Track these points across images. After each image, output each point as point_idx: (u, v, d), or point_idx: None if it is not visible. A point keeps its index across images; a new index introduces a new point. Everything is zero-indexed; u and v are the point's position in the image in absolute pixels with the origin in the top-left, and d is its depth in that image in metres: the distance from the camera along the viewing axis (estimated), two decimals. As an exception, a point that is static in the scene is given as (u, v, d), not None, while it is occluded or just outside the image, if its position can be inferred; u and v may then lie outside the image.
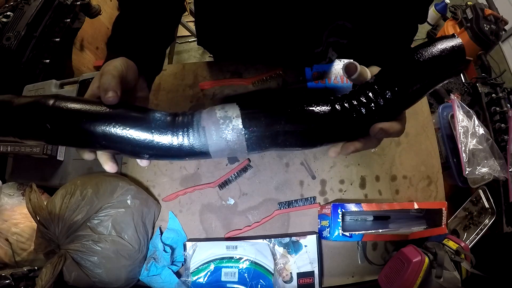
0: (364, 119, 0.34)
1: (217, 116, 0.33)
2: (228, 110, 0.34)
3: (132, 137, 0.32)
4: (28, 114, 0.31)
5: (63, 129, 0.32)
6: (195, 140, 0.33)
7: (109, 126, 0.32)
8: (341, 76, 0.75)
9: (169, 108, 0.73)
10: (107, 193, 0.59)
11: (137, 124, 0.32)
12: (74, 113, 0.32)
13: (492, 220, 0.78)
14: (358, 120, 0.34)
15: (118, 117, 0.32)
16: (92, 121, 0.32)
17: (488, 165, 0.77)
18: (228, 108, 0.34)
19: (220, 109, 0.34)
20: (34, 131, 0.32)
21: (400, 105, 0.35)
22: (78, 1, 1.06)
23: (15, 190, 0.69)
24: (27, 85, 0.83)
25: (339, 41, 0.65)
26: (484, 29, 1.74)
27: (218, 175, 0.68)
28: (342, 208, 0.59)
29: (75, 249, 0.54)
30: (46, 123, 0.31)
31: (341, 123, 0.35)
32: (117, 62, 0.37)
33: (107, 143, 0.32)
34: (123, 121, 0.32)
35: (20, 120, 0.32)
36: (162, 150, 0.33)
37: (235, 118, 0.33)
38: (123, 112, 0.33)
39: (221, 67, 0.76)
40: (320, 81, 0.74)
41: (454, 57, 0.33)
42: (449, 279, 0.55)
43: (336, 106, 0.35)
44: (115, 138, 0.32)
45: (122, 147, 0.33)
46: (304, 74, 0.74)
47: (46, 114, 0.31)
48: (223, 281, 0.60)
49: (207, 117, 0.33)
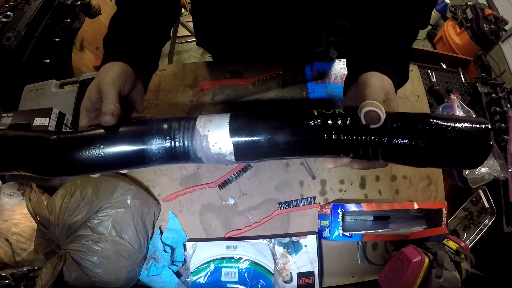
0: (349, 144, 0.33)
1: (212, 152, 0.35)
2: (222, 147, 0.34)
3: (131, 164, 0.35)
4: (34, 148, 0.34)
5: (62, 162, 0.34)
6: (194, 162, 0.37)
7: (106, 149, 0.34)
8: (341, 76, 0.75)
9: (169, 108, 0.73)
10: (107, 193, 0.59)
11: (135, 160, 0.35)
12: (72, 140, 0.34)
13: (492, 220, 0.78)
14: (343, 142, 0.33)
15: (116, 142, 0.35)
16: (94, 147, 0.34)
17: (488, 165, 0.77)
18: (221, 143, 0.34)
19: (213, 144, 0.34)
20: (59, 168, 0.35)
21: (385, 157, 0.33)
22: (78, 1, 1.06)
23: (15, 190, 0.69)
24: (27, 85, 0.83)
25: (339, 40, 0.65)
26: (484, 29, 1.74)
27: (218, 175, 0.68)
28: (342, 208, 0.59)
29: (75, 249, 0.54)
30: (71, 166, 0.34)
31: (331, 139, 0.33)
32: (114, 74, 0.38)
33: (103, 168, 0.35)
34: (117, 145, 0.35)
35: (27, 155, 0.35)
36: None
37: (229, 155, 0.35)
38: (121, 137, 0.35)
39: (221, 67, 0.76)
40: (320, 81, 0.74)
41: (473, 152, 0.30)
42: (449, 279, 0.55)
43: (328, 122, 0.33)
44: (109, 164, 0.35)
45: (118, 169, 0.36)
46: (304, 74, 0.74)
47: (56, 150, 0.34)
48: (223, 281, 0.60)
49: (201, 151, 0.35)
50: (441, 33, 2.06)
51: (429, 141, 0.30)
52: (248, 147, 0.34)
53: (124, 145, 0.34)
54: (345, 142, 0.33)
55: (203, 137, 0.34)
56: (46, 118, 0.69)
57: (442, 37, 2.03)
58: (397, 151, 0.32)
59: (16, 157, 0.35)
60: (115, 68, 0.38)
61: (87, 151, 0.33)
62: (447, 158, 0.31)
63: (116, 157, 0.34)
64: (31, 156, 0.34)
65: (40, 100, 0.80)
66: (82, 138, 0.34)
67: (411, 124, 0.31)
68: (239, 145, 0.34)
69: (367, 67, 0.38)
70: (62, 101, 0.77)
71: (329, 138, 0.33)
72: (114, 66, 0.39)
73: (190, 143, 0.34)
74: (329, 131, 0.33)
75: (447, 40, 1.97)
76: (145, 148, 0.34)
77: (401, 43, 0.42)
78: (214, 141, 0.34)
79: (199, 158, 0.35)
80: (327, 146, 0.34)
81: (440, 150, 0.31)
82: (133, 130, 0.35)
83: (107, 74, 0.38)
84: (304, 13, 0.56)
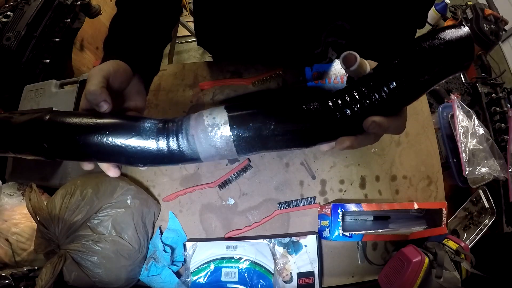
0: (357, 116, 0.33)
1: (205, 124, 0.33)
2: (216, 116, 0.33)
3: (124, 147, 0.33)
4: (26, 132, 0.33)
5: (59, 145, 0.33)
6: (185, 148, 0.34)
7: (101, 138, 0.32)
8: (341, 76, 0.75)
9: (169, 108, 0.73)
10: (107, 193, 0.59)
11: (127, 133, 0.33)
12: (68, 127, 0.33)
13: (492, 220, 0.78)
14: (351, 117, 0.33)
15: (109, 127, 0.33)
16: (86, 134, 0.32)
17: (488, 165, 0.77)
18: (216, 113, 0.34)
19: (208, 115, 0.34)
20: (33, 148, 0.33)
21: (398, 101, 0.32)
22: (78, 1, 1.06)
23: (15, 190, 0.69)
24: (27, 85, 0.83)
25: (337, 41, 0.65)
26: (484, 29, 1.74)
27: (218, 175, 0.68)
28: (342, 208, 0.59)
29: (75, 249, 0.54)
30: (43, 142, 0.32)
31: (334, 121, 0.33)
32: (104, 65, 0.37)
33: (101, 155, 0.34)
34: (114, 132, 0.33)
35: (19, 138, 0.33)
36: (155, 159, 0.34)
37: (223, 125, 0.33)
38: (114, 122, 0.34)
39: (221, 67, 0.76)
40: (320, 81, 0.74)
41: (462, 50, 0.30)
42: (449, 279, 0.55)
43: (329, 103, 0.33)
44: (108, 150, 0.33)
45: (116, 159, 0.34)
46: (304, 74, 0.74)
47: (43, 131, 0.32)
48: (223, 281, 0.60)
49: (195, 125, 0.33)
50: (441, 33, 2.06)
51: (418, 56, 0.30)
52: (244, 115, 0.33)
53: (113, 135, 0.33)
54: (352, 116, 0.33)
55: (197, 114, 0.34)
56: (46, 118, 0.69)
57: (442, 37, 2.03)
58: (397, 90, 0.31)
59: (8, 138, 0.34)
60: (108, 62, 0.38)
61: (73, 135, 0.32)
62: (437, 64, 0.31)
63: (107, 146, 0.33)
64: (22, 137, 0.33)
65: (40, 100, 0.79)
66: (73, 123, 0.33)
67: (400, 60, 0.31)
68: (233, 115, 0.33)
69: None
70: (62, 101, 0.77)
71: (334, 118, 0.33)
72: (107, 62, 0.38)
73: (182, 120, 0.34)
74: (332, 111, 0.33)
75: (447, 40, 1.97)
76: (138, 123, 0.34)
77: (399, 40, 0.42)
78: (208, 113, 0.34)
79: (191, 136, 0.33)
80: (333, 127, 0.34)
81: (429, 56, 0.30)
82: (123, 120, 0.34)
83: (94, 68, 0.37)
84: (305, 14, 0.56)
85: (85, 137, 0.32)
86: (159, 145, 0.33)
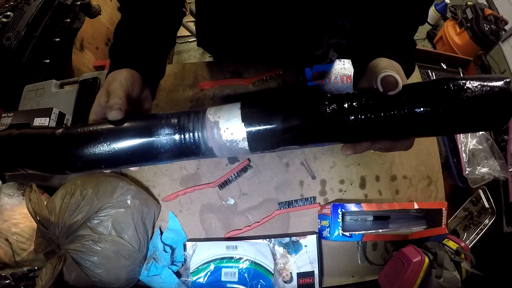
0: (372, 124, 0.32)
1: (223, 139, 0.33)
2: (233, 132, 0.33)
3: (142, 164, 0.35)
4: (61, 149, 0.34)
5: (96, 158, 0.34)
6: (205, 156, 0.35)
7: (115, 144, 0.33)
8: (341, 76, 0.75)
9: (169, 108, 0.73)
10: (107, 193, 0.59)
11: (143, 154, 0.34)
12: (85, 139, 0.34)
13: (492, 220, 0.78)
14: (365, 123, 0.32)
15: (123, 136, 0.34)
16: (108, 142, 0.33)
17: (488, 165, 0.77)
18: (233, 129, 0.33)
19: (225, 130, 0.33)
20: (68, 166, 0.34)
21: (415, 130, 0.32)
22: (78, 1, 1.06)
23: (15, 190, 0.69)
24: (27, 85, 0.83)
25: (339, 41, 0.65)
26: (484, 29, 1.74)
27: (218, 175, 0.68)
28: (342, 208, 0.59)
29: (75, 249, 0.54)
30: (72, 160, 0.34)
31: (347, 123, 0.32)
32: (122, 77, 0.38)
33: (124, 161, 0.34)
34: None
35: (52, 158, 0.34)
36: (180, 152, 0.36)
37: (241, 141, 0.33)
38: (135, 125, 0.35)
39: (221, 67, 0.76)
40: (320, 81, 0.74)
41: (502, 111, 0.28)
42: (449, 279, 0.55)
43: (345, 105, 0.32)
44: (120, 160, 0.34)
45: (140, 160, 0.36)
46: (304, 74, 0.74)
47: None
48: (223, 281, 0.60)
49: (212, 139, 0.34)
50: (441, 33, 2.06)
51: (449, 103, 0.29)
52: (262, 131, 0.33)
53: (132, 138, 0.33)
54: (365, 122, 0.31)
55: (213, 124, 0.33)
56: (46, 118, 0.69)
57: (442, 37, 2.03)
58: (419, 120, 0.30)
59: (22, 155, 0.34)
60: (123, 72, 0.39)
61: (95, 146, 0.33)
62: (470, 119, 0.29)
63: (124, 151, 0.33)
64: (36, 153, 0.34)
65: (40, 100, 0.80)
66: (89, 133, 0.34)
67: (428, 89, 0.30)
68: (252, 130, 0.33)
69: (375, 56, 0.37)
70: (62, 101, 0.77)
71: (346, 120, 0.32)
72: (122, 71, 0.39)
73: (200, 132, 0.34)
74: (346, 114, 0.31)
75: (447, 40, 1.97)
76: (153, 140, 0.33)
77: (402, 35, 0.42)
78: (226, 127, 0.33)
79: (210, 148, 0.34)
80: (346, 130, 0.32)
81: (460, 111, 0.29)
82: (141, 122, 0.35)
83: (115, 78, 0.38)
84: (306, 15, 0.56)
85: (107, 143, 0.34)
86: (177, 158, 0.35)
